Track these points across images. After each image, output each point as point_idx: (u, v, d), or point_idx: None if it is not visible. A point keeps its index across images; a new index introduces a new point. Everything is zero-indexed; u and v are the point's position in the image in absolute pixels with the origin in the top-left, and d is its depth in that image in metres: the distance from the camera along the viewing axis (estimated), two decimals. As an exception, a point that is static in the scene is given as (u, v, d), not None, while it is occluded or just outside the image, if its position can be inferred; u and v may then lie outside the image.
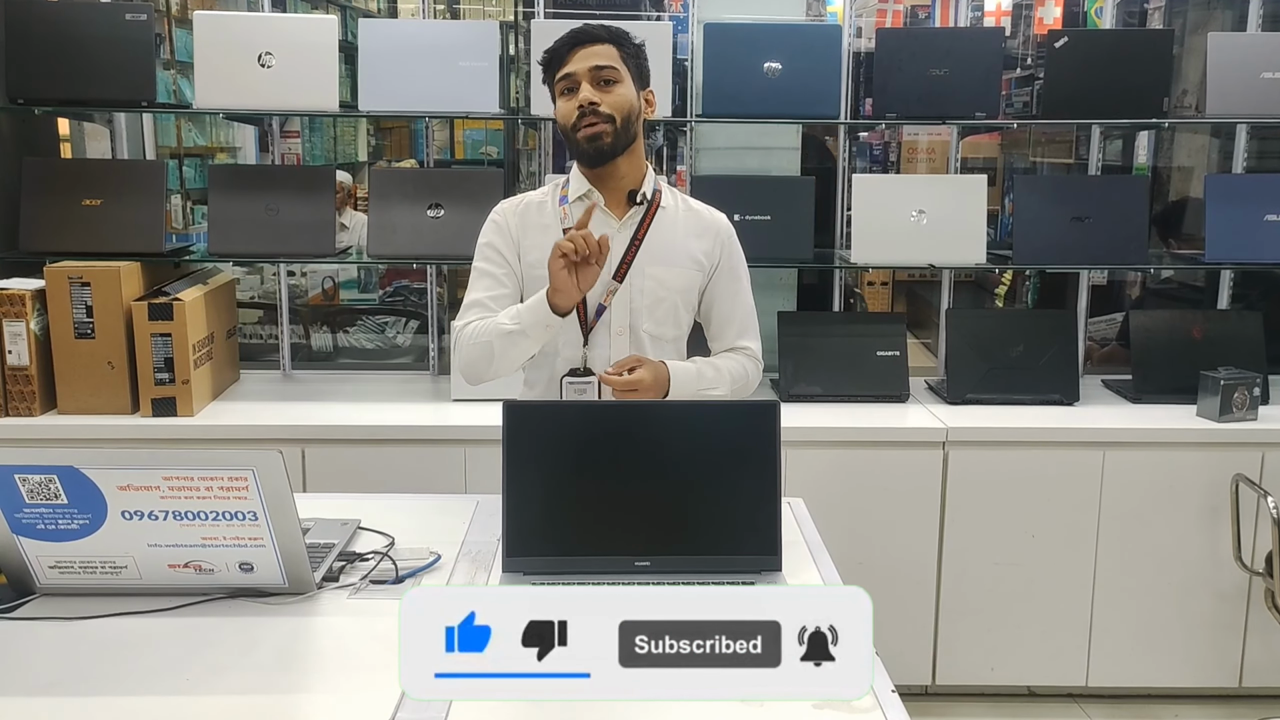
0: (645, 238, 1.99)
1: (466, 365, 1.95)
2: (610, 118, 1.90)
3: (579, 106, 1.89)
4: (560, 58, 1.93)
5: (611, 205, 1.99)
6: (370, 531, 1.81)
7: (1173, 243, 3.61)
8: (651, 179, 2.02)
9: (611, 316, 1.98)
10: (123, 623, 1.48)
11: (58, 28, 2.87)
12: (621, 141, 1.93)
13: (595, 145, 1.91)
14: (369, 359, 3.84)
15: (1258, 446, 2.77)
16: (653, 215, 2.00)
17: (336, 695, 1.30)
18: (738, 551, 1.61)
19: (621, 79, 1.92)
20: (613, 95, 1.91)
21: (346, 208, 4.30)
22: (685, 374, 1.97)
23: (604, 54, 1.91)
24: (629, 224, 1.99)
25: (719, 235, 2.06)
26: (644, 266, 1.98)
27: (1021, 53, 4.92)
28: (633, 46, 1.96)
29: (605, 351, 1.98)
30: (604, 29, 1.94)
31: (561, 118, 1.94)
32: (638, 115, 1.96)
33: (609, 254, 1.85)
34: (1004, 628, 2.86)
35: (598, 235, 1.89)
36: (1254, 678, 2.88)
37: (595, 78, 1.91)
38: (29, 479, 1.46)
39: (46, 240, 2.87)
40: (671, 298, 2.01)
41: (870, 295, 5.55)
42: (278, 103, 2.92)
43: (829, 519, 1.96)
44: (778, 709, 1.26)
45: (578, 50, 1.91)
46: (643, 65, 1.98)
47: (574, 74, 1.91)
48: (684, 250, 2.02)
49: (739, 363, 2.07)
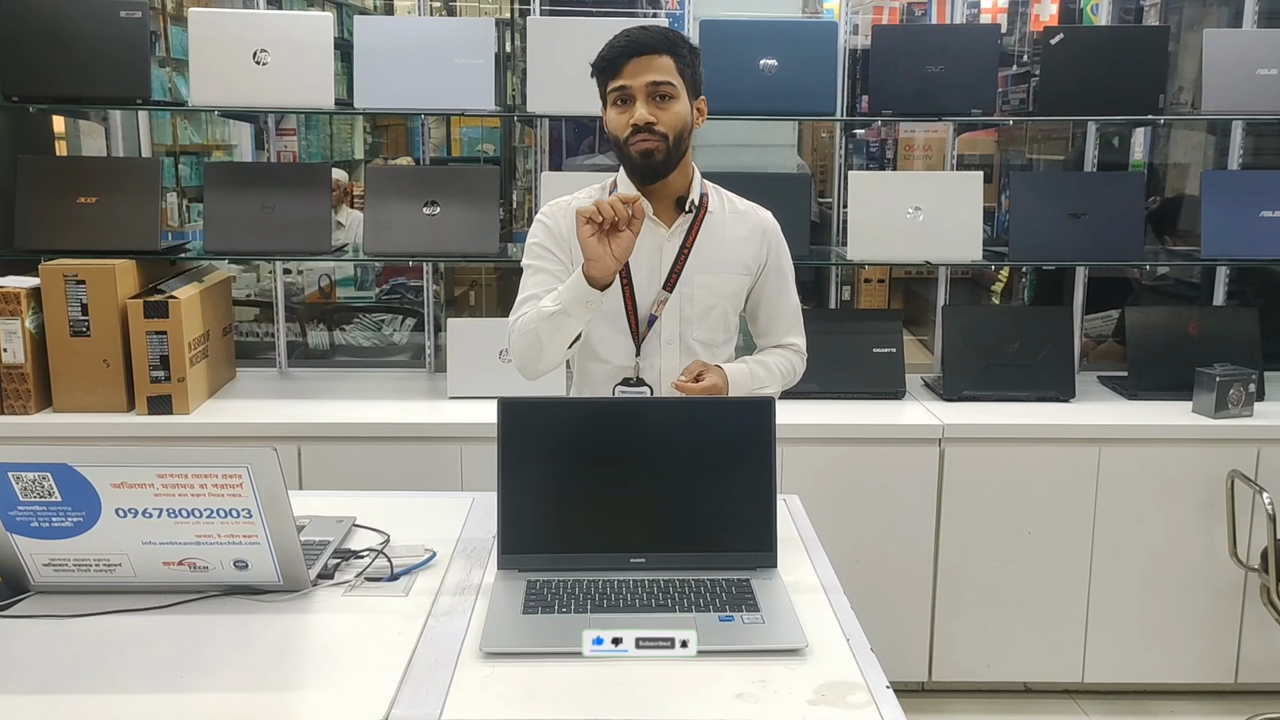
0: (694, 245, 1.96)
1: (519, 357, 1.92)
2: (664, 135, 1.86)
3: (633, 124, 1.85)
4: (615, 68, 1.86)
5: (660, 213, 1.96)
6: (365, 529, 1.81)
7: (1169, 239, 3.62)
8: (699, 183, 1.98)
9: (662, 326, 1.96)
10: (117, 620, 1.48)
11: (53, 25, 2.86)
12: (674, 158, 1.90)
13: (649, 162, 1.87)
14: (365, 356, 3.84)
15: (1253, 443, 2.77)
16: (700, 221, 1.97)
17: (331, 692, 1.30)
18: (733, 548, 1.61)
19: (678, 94, 1.87)
20: (668, 112, 1.86)
21: (343, 205, 4.29)
22: (740, 376, 1.95)
23: (661, 67, 1.85)
24: (678, 232, 1.96)
25: (766, 235, 2.04)
26: (693, 275, 1.96)
27: (1018, 49, 4.92)
28: (689, 55, 1.90)
29: (657, 360, 1.96)
30: (662, 38, 1.86)
31: (614, 129, 1.89)
32: (690, 129, 1.92)
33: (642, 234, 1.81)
34: (1000, 624, 2.86)
35: (647, 243, 1.89)
36: (1250, 673, 2.88)
37: (652, 93, 1.85)
38: (23, 476, 1.46)
39: (42, 238, 2.86)
40: (721, 304, 1.99)
41: (867, 292, 5.55)
42: (273, 100, 2.92)
43: (825, 516, 1.96)
44: (772, 701, 1.26)
45: (633, 60, 1.84)
46: (697, 73, 1.92)
47: (629, 87, 1.85)
48: (733, 255, 2.00)
49: (786, 359, 2.07)
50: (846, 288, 4.32)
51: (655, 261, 1.95)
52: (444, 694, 1.28)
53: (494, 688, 1.30)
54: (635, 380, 1.97)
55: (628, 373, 1.97)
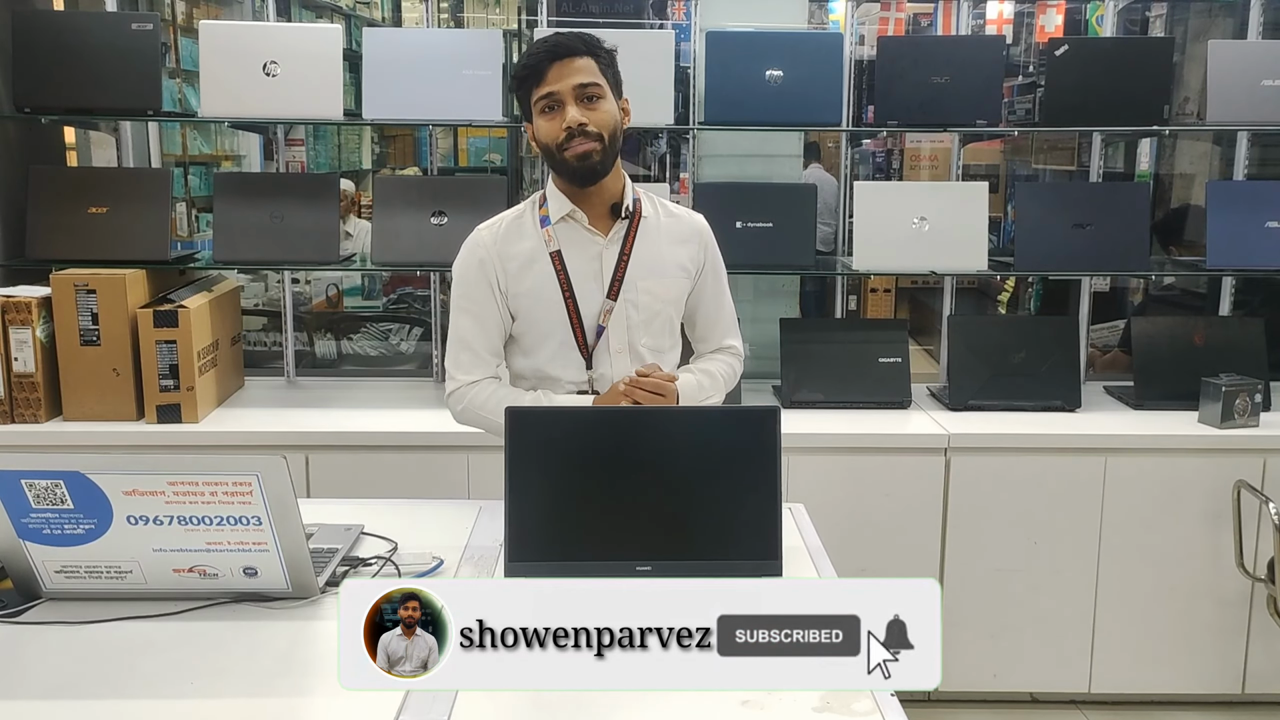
0: (633, 251, 1.96)
1: (466, 424, 1.97)
2: (599, 135, 1.85)
3: (566, 127, 1.84)
4: (539, 74, 1.84)
5: (594, 221, 1.95)
6: (373, 537, 1.81)
7: (1174, 249, 3.62)
8: (630, 189, 1.97)
9: (610, 335, 1.95)
10: (128, 627, 1.49)
11: (64, 37, 2.89)
12: (610, 158, 1.89)
13: (586, 164, 1.85)
14: (373, 365, 3.85)
15: (1259, 453, 2.77)
16: (636, 227, 1.97)
17: (339, 699, 1.31)
18: (738, 556, 1.61)
19: (604, 94, 1.86)
20: (598, 112, 1.85)
21: (350, 215, 4.32)
22: (689, 387, 1.96)
23: (585, 69, 1.84)
24: (615, 239, 1.95)
25: (700, 237, 2.04)
26: (635, 280, 1.96)
27: (1023, 60, 4.94)
28: (608, 55, 1.89)
29: (608, 371, 1.96)
30: (580, 40, 1.86)
31: (545, 137, 1.87)
32: (620, 128, 1.91)
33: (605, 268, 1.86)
34: (1006, 634, 2.86)
35: (585, 253, 1.92)
36: (1256, 684, 2.87)
37: (579, 95, 1.84)
38: (35, 484, 1.47)
39: (52, 248, 2.88)
40: (666, 310, 1.99)
41: (873, 302, 5.57)
42: (282, 111, 2.94)
43: (831, 525, 1.96)
44: (777, 708, 1.27)
45: (556, 65, 1.84)
46: (617, 73, 1.91)
47: (556, 92, 1.84)
48: (671, 259, 2.00)
49: (727, 364, 2.09)
50: (853, 297, 4.34)
51: (595, 270, 1.95)
52: (451, 701, 1.29)
53: (501, 695, 1.30)
54: (589, 393, 1.96)
55: (581, 386, 1.97)
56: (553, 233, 1.94)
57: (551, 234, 1.94)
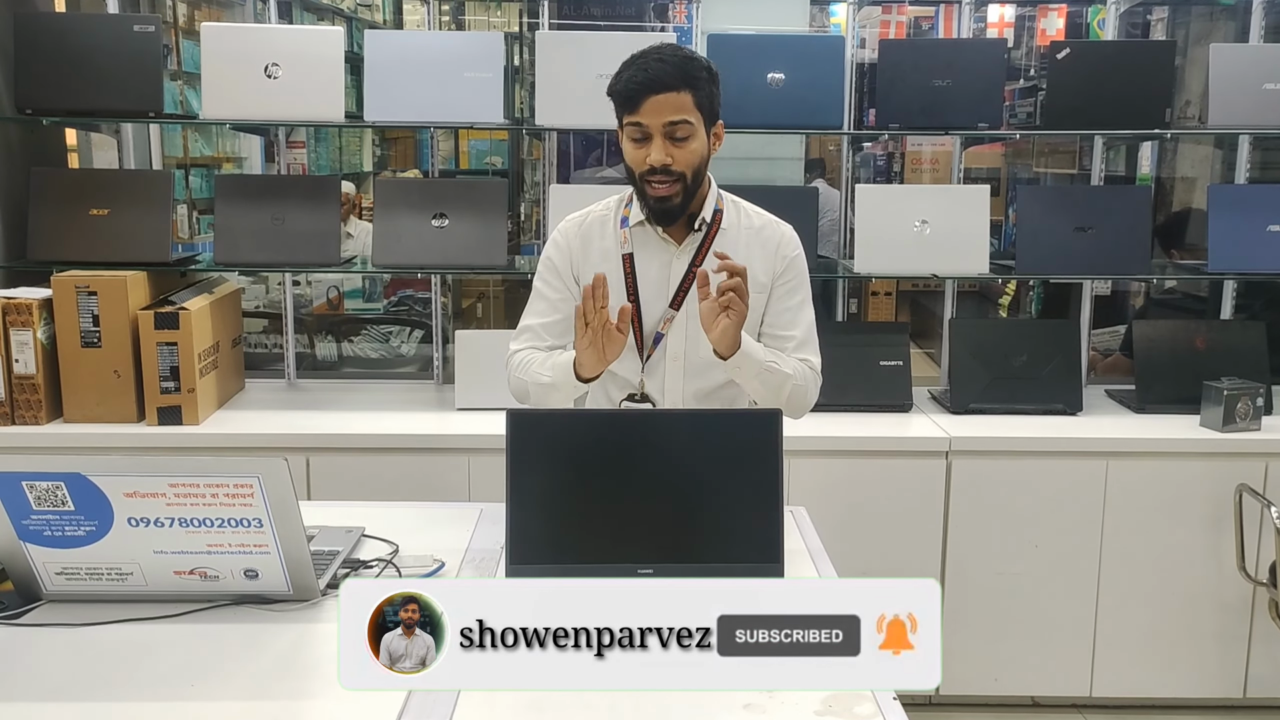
0: (704, 263, 1.90)
1: (513, 394, 1.97)
2: (681, 175, 1.83)
3: (649, 164, 1.82)
4: (632, 104, 1.81)
5: (671, 230, 1.93)
6: (374, 539, 1.82)
7: (1176, 253, 3.62)
8: (713, 199, 1.95)
9: (668, 344, 1.95)
10: (128, 629, 1.49)
11: (66, 39, 2.89)
12: (690, 196, 1.87)
13: (663, 205, 1.85)
14: (373, 368, 3.85)
15: (1261, 457, 2.77)
16: (712, 239, 1.94)
17: (340, 701, 1.31)
18: (740, 559, 1.61)
19: (694, 131, 1.82)
20: (684, 151, 1.82)
21: (351, 217, 4.31)
22: (754, 346, 1.86)
23: (678, 105, 1.80)
24: (687, 249, 1.93)
25: (780, 249, 1.97)
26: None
27: (1024, 64, 4.94)
28: (707, 84, 1.84)
29: (662, 378, 1.95)
30: (679, 75, 1.80)
31: (630, 161, 1.86)
32: (707, 161, 1.89)
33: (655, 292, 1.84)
34: (1007, 638, 2.85)
35: (656, 260, 1.90)
36: (1258, 688, 2.87)
37: (669, 133, 1.81)
38: (36, 486, 1.47)
39: (53, 250, 2.88)
40: None
41: (874, 305, 5.57)
42: (284, 113, 2.94)
43: (832, 528, 1.96)
44: (779, 711, 1.26)
45: (650, 99, 1.79)
46: (715, 100, 1.87)
47: (646, 125, 1.81)
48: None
49: (798, 364, 1.97)
50: (854, 300, 4.34)
51: (664, 279, 1.94)
52: (452, 703, 1.29)
53: (502, 697, 1.30)
54: (640, 396, 1.96)
55: (633, 388, 1.97)
56: (629, 235, 1.94)
57: (628, 236, 1.94)
